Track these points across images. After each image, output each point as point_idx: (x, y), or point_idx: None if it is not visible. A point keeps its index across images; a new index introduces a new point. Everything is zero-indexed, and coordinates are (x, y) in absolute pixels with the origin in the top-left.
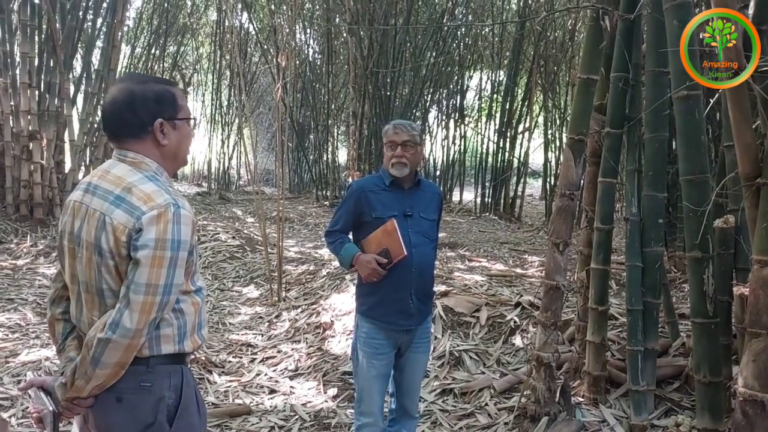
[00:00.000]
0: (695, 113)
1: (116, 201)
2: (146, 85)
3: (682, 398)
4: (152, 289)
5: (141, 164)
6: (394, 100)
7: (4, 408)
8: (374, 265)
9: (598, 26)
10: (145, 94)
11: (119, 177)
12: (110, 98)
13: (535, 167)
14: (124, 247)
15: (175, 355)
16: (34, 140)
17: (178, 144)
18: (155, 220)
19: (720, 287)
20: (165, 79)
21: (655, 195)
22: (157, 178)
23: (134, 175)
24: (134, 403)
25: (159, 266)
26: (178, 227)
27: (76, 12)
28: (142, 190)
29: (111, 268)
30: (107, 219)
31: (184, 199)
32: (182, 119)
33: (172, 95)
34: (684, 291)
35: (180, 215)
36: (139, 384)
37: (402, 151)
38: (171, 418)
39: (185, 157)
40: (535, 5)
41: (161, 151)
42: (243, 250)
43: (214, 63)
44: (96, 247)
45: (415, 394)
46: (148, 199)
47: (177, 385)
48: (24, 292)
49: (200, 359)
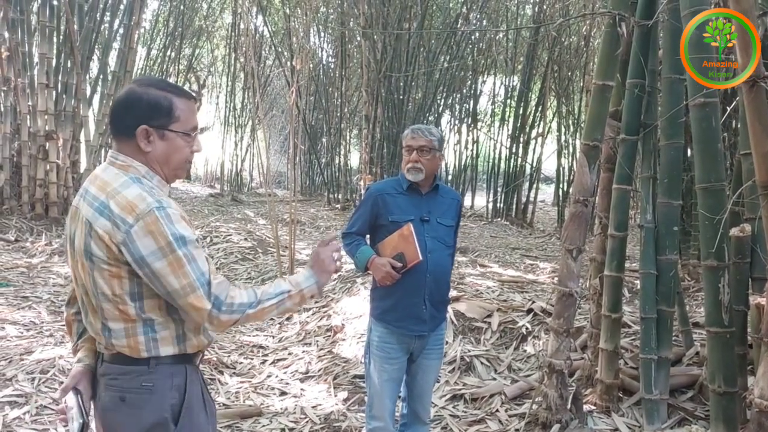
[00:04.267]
0: (712, 121)
1: (100, 208)
2: (146, 88)
3: (696, 408)
4: (188, 288)
5: (129, 168)
6: (406, 104)
7: (19, 405)
8: (388, 269)
9: (615, 32)
10: (141, 97)
11: (106, 182)
12: (117, 96)
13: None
14: (120, 253)
15: (177, 356)
16: (50, 140)
17: (164, 155)
18: (145, 231)
19: (735, 296)
20: (175, 88)
21: (670, 202)
22: (142, 181)
23: (119, 179)
24: (137, 402)
25: (180, 267)
26: (172, 226)
27: (93, 14)
28: (125, 196)
29: (104, 272)
30: (93, 226)
31: (170, 199)
32: (175, 131)
33: (170, 105)
34: (698, 300)
35: (169, 215)
36: (141, 384)
37: (417, 156)
38: (176, 418)
39: (177, 169)
40: (550, 11)
41: (146, 157)
42: (255, 252)
43: (229, 65)
44: (86, 252)
45: (427, 399)
46: (131, 209)
47: (180, 384)
48: (39, 290)
49: (211, 360)
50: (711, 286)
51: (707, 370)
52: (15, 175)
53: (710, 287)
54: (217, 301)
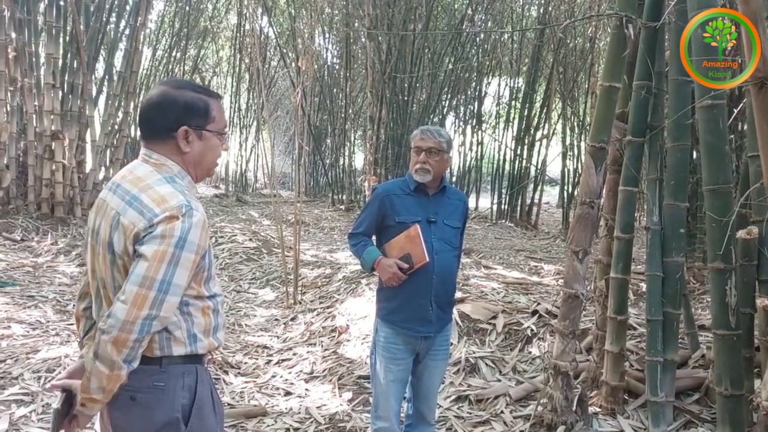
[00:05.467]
0: (719, 123)
1: (130, 200)
2: (182, 90)
3: (702, 411)
4: (148, 282)
5: (163, 166)
6: (411, 106)
7: (25, 404)
8: (395, 270)
9: (622, 34)
10: (177, 99)
11: (139, 177)
12: (147, 98)
13: (553, 175)
14: (131, 245)
15: (189, 356)
16: (56, 140)
17: (201, 154)
18: (166, 220)
19: (742, 299)
20: (206, 89)
21: (676, 204)
22: (176, 180)
23: (153, 177)
24: (148, 402)
25: (159, 261)
26: (187, 228)
27: (99, 14)
28: (158, 191)
29: (120, 267)
30: (120, 218)
31: (199, 203)
32: (211, 131)
33: (206, 105)
34: (703, 302)
35: (192, 216)
36: (153, 384)
37: (426, 157)
38: (186, 417)
39: (210, 168)
40: (556, 12)
41: (183, 157)
42: (259, 252)
43: (234, 66)
44: (109, 245)
45: (433, 401)
46: (161, 201)
47: (191, 384)
48: (44, 289)
49: (216, 360)
50: (718, 288)
51: (714, 372)
52: (21, 174)
53: (717, 290)
54: (144, 326)
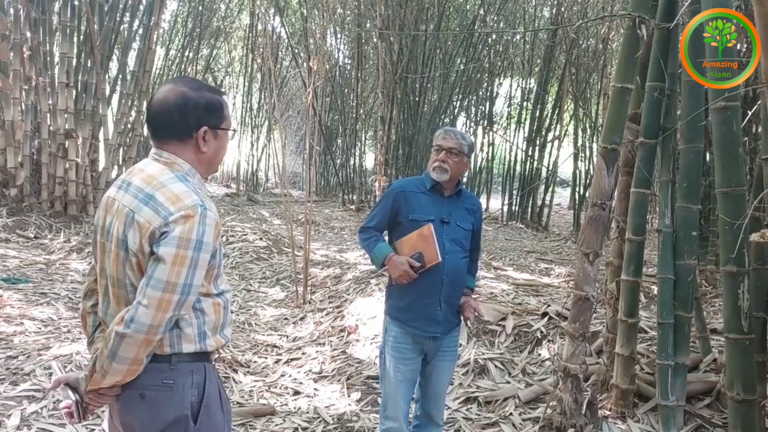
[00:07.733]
0: (733, 124)
1: (145, 199)
2: (200, 92)
3: (713, 415)
4: (171, 287)
5: (174, 165)
6: (422, 106)
7: (37, 400)
8: (406, 268)
9: (635, 35)
10: (198, 101)
11: (151, 176)
12: (161, 98)
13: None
14: (147, 244)
15: (198, 353)
16: (70, 138)
17: (215, 152)
18: (182, 220)
19: (755, 303)
20: (215, 88)
21: (689, 207)
22: (188, 179)
23: (166, 175)
24: (157, 399)
25: (180, 265)
26: (202, 229)
27: (113, 14)
28: (172, 190)
29: (134, 264)
30: (135, 216)
31: (211, 202)
32: (224, 129)
33: (221, 105)
34: (715, 306)
35: (206, 217)
36: (162, 381)
37: (446, 156)
38: (195, 415)
39: (218, 165)
40: (568, 13)
41: (198, 156)
42: (270, 252)
43: (246, 66)
44: (122, 242)
45: (441, 402)
46: (176, 200)
47: (200, 382)
48: (57, 287)
49: (226, 358)
50: (730, 292)
51: (726, 376)
52: (35, 172)
53: (730, 293)
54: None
